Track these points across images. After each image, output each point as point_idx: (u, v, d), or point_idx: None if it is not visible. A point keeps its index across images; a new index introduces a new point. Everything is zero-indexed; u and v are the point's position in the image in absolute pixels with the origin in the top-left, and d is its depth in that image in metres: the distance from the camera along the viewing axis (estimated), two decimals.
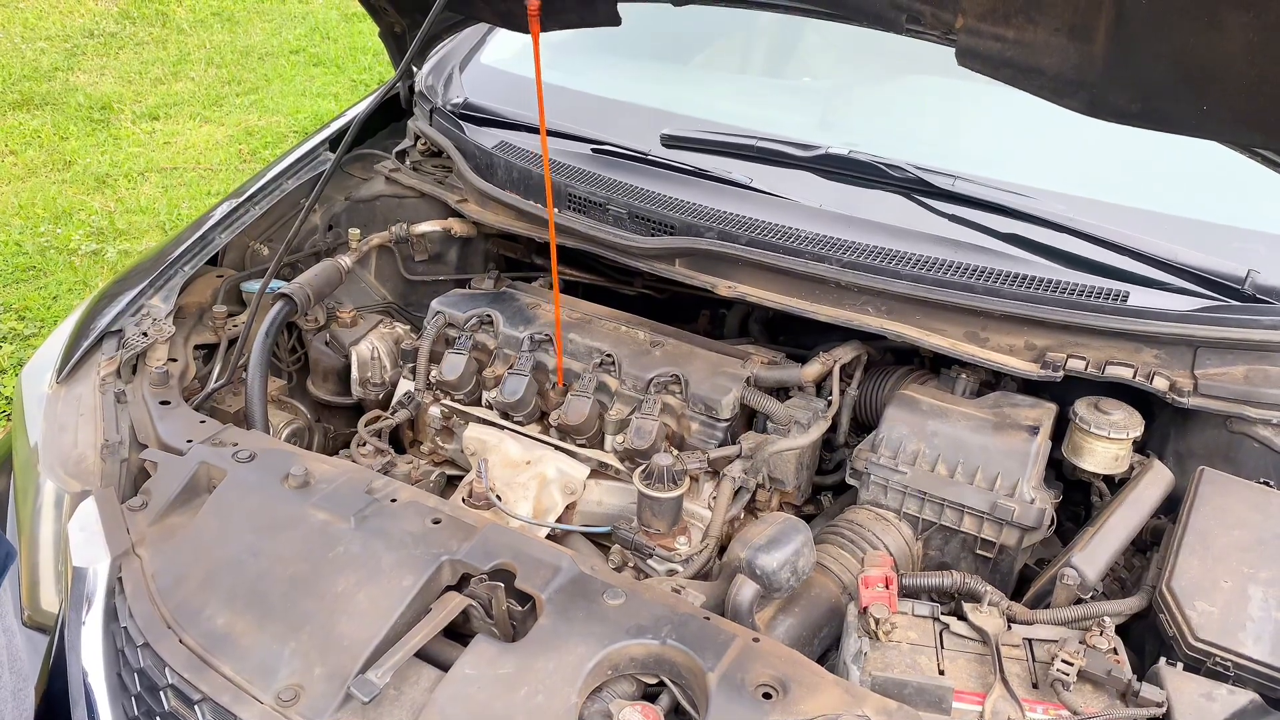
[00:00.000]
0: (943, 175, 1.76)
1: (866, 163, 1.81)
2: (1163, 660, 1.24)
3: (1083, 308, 1.50)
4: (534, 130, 2.04)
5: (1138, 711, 1.16)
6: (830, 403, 1.62)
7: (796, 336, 1.97)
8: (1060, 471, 1.61)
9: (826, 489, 1.74)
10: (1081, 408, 1.51)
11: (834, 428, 1.71)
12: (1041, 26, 1.32)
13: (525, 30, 1.96)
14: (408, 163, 2.16)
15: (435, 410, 1.77)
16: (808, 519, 1.68)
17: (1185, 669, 1.23)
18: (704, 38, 2.63)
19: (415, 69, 2.24)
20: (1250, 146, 1.33)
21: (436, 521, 1.37)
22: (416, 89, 2.20)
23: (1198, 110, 1.28)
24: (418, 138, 2.18)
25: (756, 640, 1.23)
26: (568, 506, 1.63)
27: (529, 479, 1.60)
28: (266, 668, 1.22)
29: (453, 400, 1.75)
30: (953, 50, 1.45)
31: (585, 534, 1.60)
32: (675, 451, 1.57)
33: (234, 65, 6.34)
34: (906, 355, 1.81)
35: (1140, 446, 1.59)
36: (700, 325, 2.18)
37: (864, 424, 1.72)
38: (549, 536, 1.58)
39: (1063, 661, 1.20)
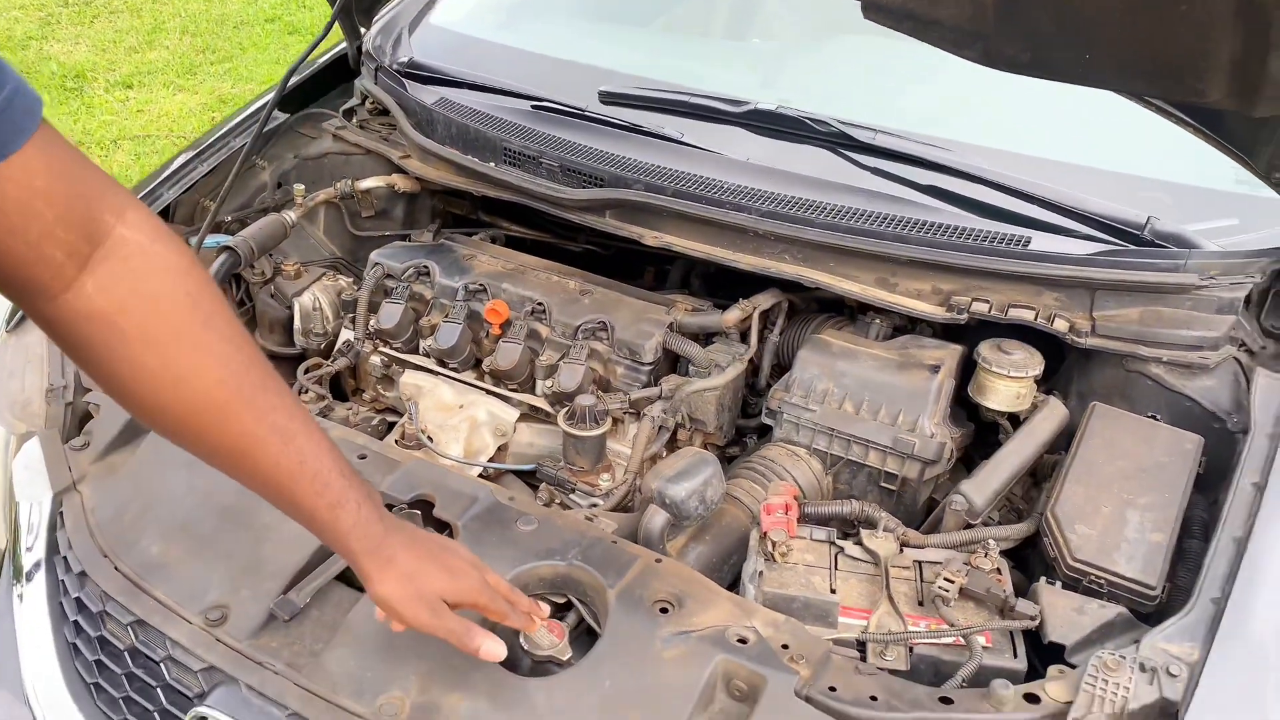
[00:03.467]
0: (865, 129, 1.82)
1: (793, 117, 1.87)
2: (1042, 579, 1.32)
3: (986, 252, 1.56)
4: (475, 88, 2.09)
5: (1011, 623, 1.24)
6: (750, 347, 1.69)
7: (734, 290, 2.03)
8: (977, 414, 1.68)
9: (751, 431, 1.81)
10: (985, 349, 1.58)
11: (758, 373, 1.78)
12: None
13: None
14: (354, 121, 2.21)
15: (376, 359, 1.83)
16: (732, 460, 1.75)
17: (1064, 587, 1.31)
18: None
19: (364, 29, 2.29)
20: (1135, 94, 1.39)
21: (362, 457, 1.44)
22: (364, 49, 2.24)
23: (1082, 59, 1.34)
24: (365, 97, 2.22)
25: (659, 561, 1.30)
26: (500, 448, 1.70)
27: (460, 421, 1.67)
28: (195, 591, 1.30)
29: (391, 348, 1.81)
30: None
31: (516, 473, 1.67)
32: (599, 393, 1.63)
33: (209, 34, 6.34)
34: (833, 305, 1.87)
35: (1050, 388, 1.67)
36: (646, 281, 2.24)
37: (787, 369, 1.78)
38: (483, 476, 1.65)
39: (945, 579, 1.27)
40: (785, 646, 1.18)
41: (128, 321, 0.90)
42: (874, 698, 1.13)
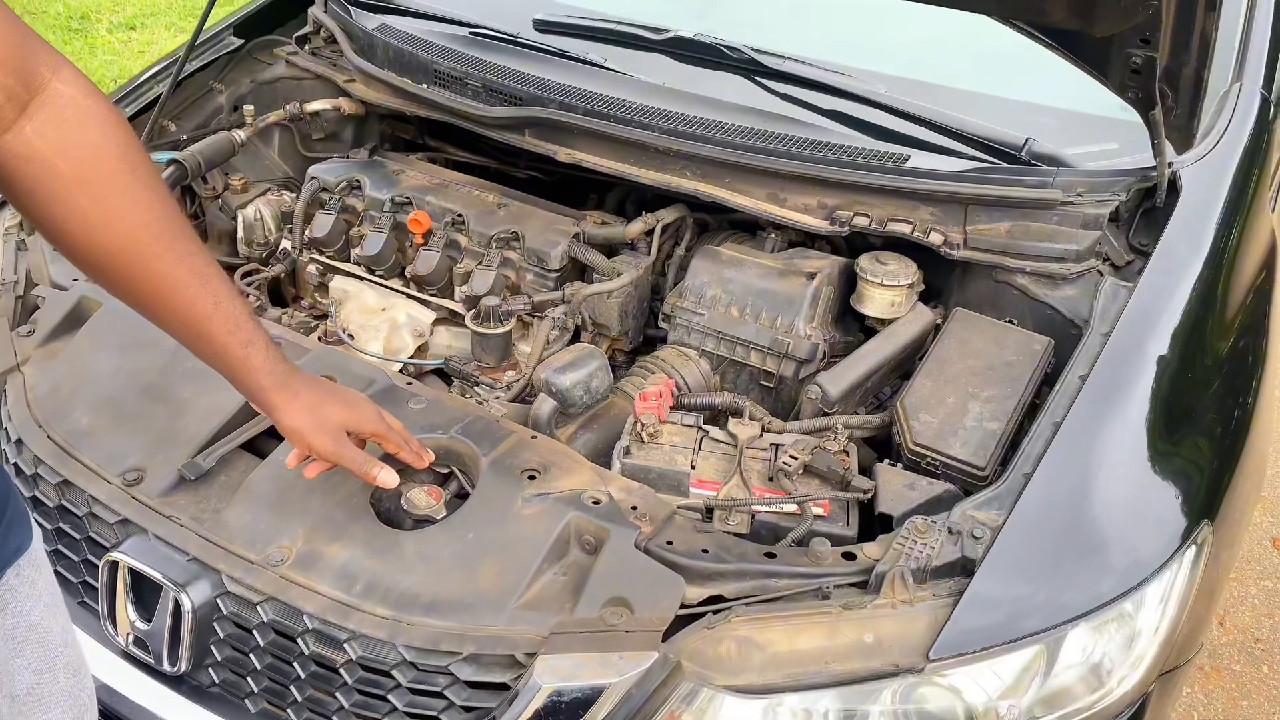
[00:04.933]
0: (774, 56, 1.92)
1: (709, 44, 1.97)
2: (885, 460, 1.44)
3: (866, 168, 1.67)
4: (417, 15, 2.20)
5: (844, 494, 1.37)
6: (650, 255, 1.80)
7: None
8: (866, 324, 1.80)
9: (661, 341, 1.92)
10: (864, 260, 1.69)
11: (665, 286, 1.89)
12: None
13: None
14: (307, 48, 2.32)
15: (312, 268, 1.96)
16: None
17: (905, 468, 1.43)
18: None
19: None
20: (990, 14, 1.48)
21: (277, 344, 1.57)
22: None
23: None
24: (319, 25, 2.33)
25: (534, 438, 1.43)
26: (420, 348, 1.83)
27: (381, 322, 1.80)
28: (116, 456, 1.44)
29: (325, 256, 1.94)
30: None
31: (431, 370, 1.80)
32: (506, 295, 1.76)
33: None
34: (746, 227, 1.98)
35: (939, 300, 1.78)
36: (588, 207, 2.35)
37: None
38: (403, 372, 1.78)
39: (789, 456, 1.40)
40: (634, 508, 1.31)
41: (63, 164, 1.00)
42: (705, 551, 1.26)
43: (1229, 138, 1.75)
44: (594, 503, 1.31)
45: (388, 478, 1.27)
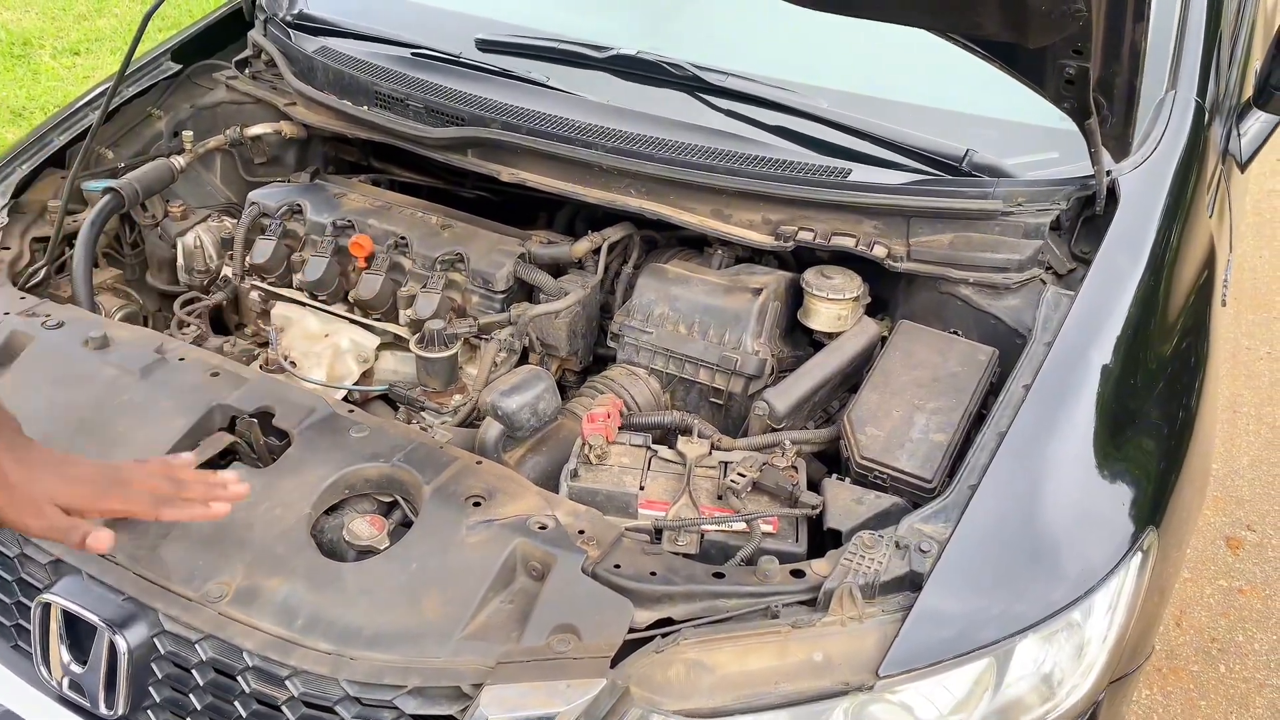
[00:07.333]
0: (716, 73, 1.91)
1: (652, 62, 1.96)
2: (833, 475, 1.44)
3: (808, 183, 1.67)
4: (358, 37, 2.18)
5: (792, 511, 1.36)
6: (596, 274, 1.79)
7: None
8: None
9: (612, 360, 1.91)
10: (809, 274, 1.69)
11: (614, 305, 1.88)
12: None
13: None
14: (247, 72, 2.29)
15: (255, 295, 1.93)
16: None
17: (854, 483, 1.43)
18: None
19: None
20: (924, 27, 1.49)
21: (215, 375, 1.54)
22: (257, 1, 2.32)
23: None
24: (259, 49, 2.30)
25: (479, 463, 1.41)
26: (364, 374, 1.80)
27: (324, 349, 1.77)
28: None
29: (266, 283, 1.91)
30: None
31: (376, 396, 1.78)
32: (453, 318, 1.74)
33: None
34: (696, 244, 1.97)
35: (886, 312, 1.78)
36: (538, 226, 2.33)
37: None
38: (346, 399, 1.75)
39: (737, 474, 1.39)
40: (581, 532, 1.29)
41: None
42: (653, 573, 1.24)
43: (1165, 145, 1.78)
44: (540, 528, 1.29)
45: (98, 538, 1.18)
